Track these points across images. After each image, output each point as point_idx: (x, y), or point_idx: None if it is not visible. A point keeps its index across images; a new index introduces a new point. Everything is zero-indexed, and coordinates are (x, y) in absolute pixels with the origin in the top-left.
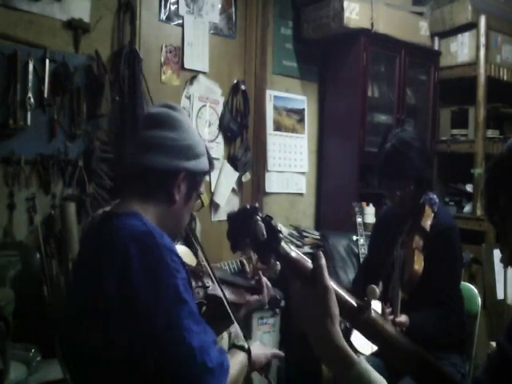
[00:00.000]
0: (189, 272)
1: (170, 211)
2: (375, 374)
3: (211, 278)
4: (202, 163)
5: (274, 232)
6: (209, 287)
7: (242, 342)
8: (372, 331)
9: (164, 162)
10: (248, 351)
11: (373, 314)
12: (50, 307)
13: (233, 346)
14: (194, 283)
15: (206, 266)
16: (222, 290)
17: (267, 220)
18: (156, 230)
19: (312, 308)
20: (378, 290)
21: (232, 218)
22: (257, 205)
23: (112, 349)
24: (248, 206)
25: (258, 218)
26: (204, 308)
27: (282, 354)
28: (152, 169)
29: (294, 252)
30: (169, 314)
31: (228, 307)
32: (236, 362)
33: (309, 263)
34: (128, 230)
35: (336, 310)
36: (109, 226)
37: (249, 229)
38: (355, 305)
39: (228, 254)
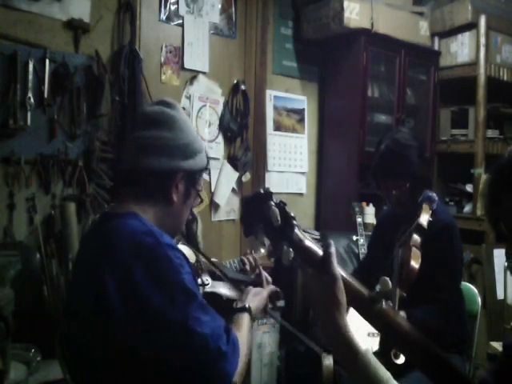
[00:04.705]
0: (192, 266)
1: (169, 211)
2: (379, 365)
3: (210, 276)
4: (200, 161)
5: (287, 218)
6: (208, 284)
7: (240, 303)
8: (383, 323)
9: (161, 163)
10: (249, 309)
11: (384, 305)
12: (50, 307)
13: (234, 309)
14: None
15: (207, 262)
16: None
17: (281, 206)
18: (156, 230)
19: (320, 296)
20: (390, 282)
21: (246, 202)
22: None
23: (113, 349)
24: (262, 191)
25: (272, 203)
26: None
27: (276, 288)
28: (149, 171)
29: (308, 240)
30: (180, 311)
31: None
32: (244, 328)
33: (320, 251)
34: (128, 229)
35: (343, 298)
36: (108, 226)
37: (263, 214)
38: (367, 296)
39: (227, 254)
